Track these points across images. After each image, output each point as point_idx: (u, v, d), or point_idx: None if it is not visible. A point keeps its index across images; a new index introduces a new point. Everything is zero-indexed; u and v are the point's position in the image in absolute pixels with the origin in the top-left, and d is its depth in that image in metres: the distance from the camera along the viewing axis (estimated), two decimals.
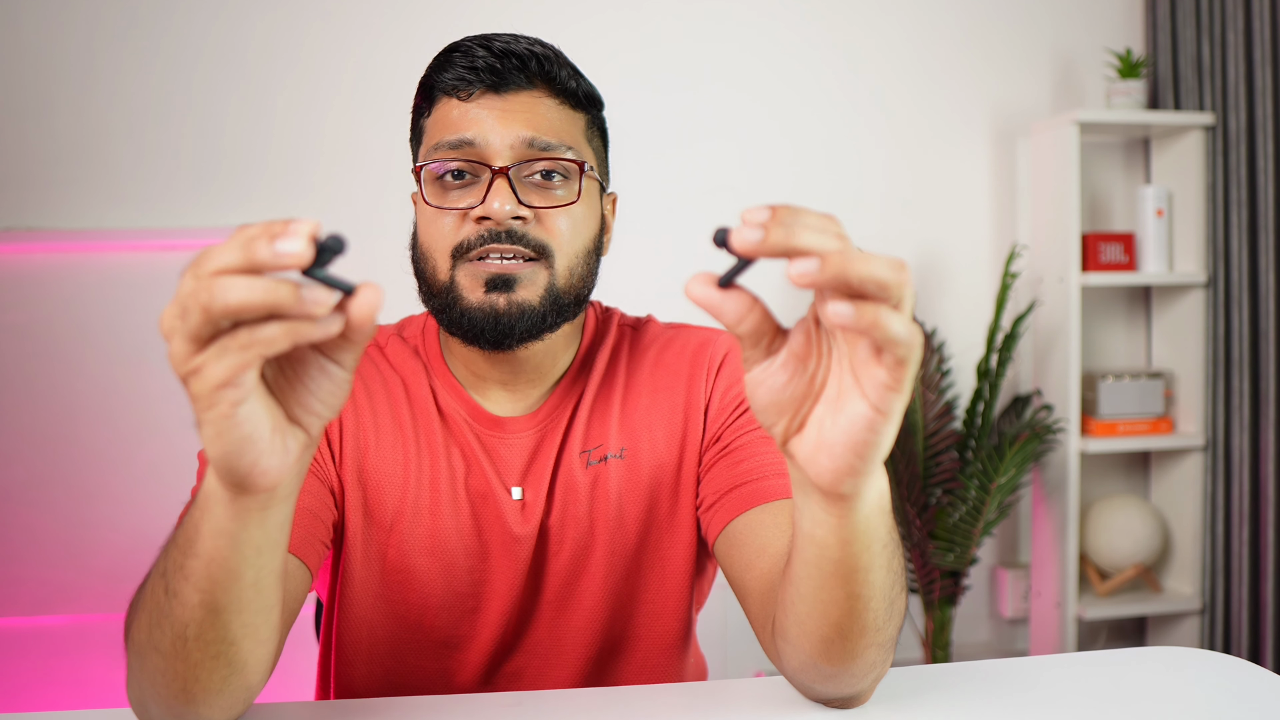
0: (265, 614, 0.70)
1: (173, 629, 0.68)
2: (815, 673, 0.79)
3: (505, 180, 0.95)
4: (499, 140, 0.96)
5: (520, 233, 0.95)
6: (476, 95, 0.98)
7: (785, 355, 0.61)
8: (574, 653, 1.06)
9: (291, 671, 1.11)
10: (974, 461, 2.58)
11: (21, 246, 2.43)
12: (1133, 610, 2.74)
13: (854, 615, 0.72)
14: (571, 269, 0.99)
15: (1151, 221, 2.75)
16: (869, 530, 0.67)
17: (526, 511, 1.03)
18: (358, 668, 1.06)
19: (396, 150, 2.42)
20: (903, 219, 2.83)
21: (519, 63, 0.97)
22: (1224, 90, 2.65)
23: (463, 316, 0.97)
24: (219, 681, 0.71)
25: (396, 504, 1.02)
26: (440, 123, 0.99)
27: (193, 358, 0.55)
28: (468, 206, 0.96)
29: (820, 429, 0.61)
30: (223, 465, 0.59)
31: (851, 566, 0.69)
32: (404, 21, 2.60)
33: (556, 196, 0.98)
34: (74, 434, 2.44)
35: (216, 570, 0.65)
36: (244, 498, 0.62)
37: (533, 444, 1.04)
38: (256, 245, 0.53)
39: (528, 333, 0.97)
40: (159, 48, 2.50)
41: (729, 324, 0.59)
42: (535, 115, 0.98)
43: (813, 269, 0.53)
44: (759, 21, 2.75)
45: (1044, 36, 2.89)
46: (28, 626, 2.41)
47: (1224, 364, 2.69)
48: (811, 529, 0.68)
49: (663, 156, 2.70)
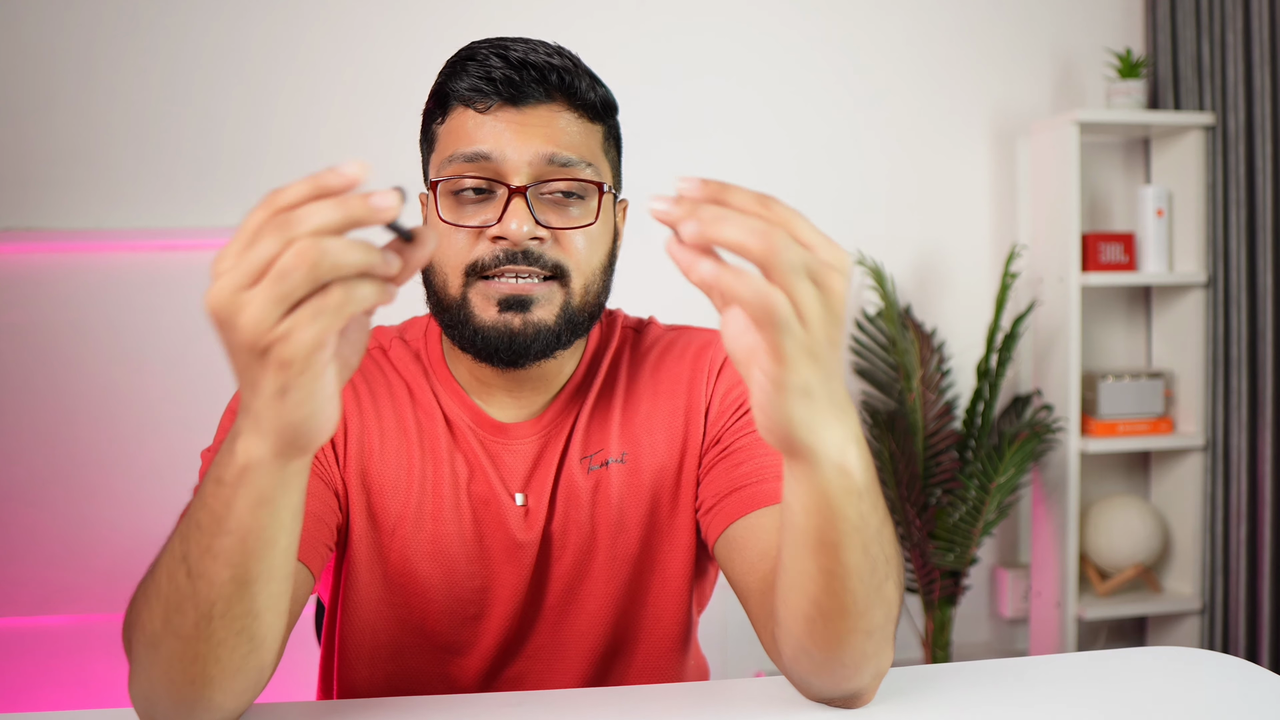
0: (287, 582, 0.72)
1: (196, 610, 0.69)
2: (806, 660, 0.80)
3: (523, 200, 0.93)
4: (516, 156, 0.93)
5: (537, 253, 0.93)
6: (494, 108, 0.95)
7: None
8: (576, 657, 1.06)
9: (292, 672, 1.11)
10: (974, 461, 2.58)
11: (21, 246, 2.43)
12: (1133, 610, 2.74)
13: (830, 593, 0.73)
14: (588, 287, 0.97)
15: (1151, 221, 2.75)
16: (831, 504, 0.69)
17: (530, 518, 1.03)
18: (360, 671, 1.06)
19: (396, 149, 2.42)
20: (903, 218, 2.84)
21: (538, 75, 0.94)
22: (1223, 90, 2.65)
23: (476, 335, 0.95)
24: (239, 659, 0.72)
25: (400, 509, 1.01)
26: (455, 133, 0.96)
27: (281, 323, 0.55)
28: (483, 224, 0.94)
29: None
30: (299, 429, 0.60)
31: (818, 540, 0.71)
32: (404, 21, 2.60)
33: (574, 216, 0.96)
34: (74, 434, 2.44)
35: (253, 542, 0.66)
36: (297, 460, 0.63)
37: (536, 450, 1.04)
38: (353, 203, 0.56)
39: (542, 353, 0.96)
40: (159, 48, 2.50)
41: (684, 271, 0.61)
42: (554, 130, 0.95)
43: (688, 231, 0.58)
44: (762, 20, 2.75)
45: (1044, 36, 2.90)
46: (28, 626, 2.41)
47: (1223, 364, 2.70)
48: (790, 498, 0.72)
49: (666, 154, 2.70)
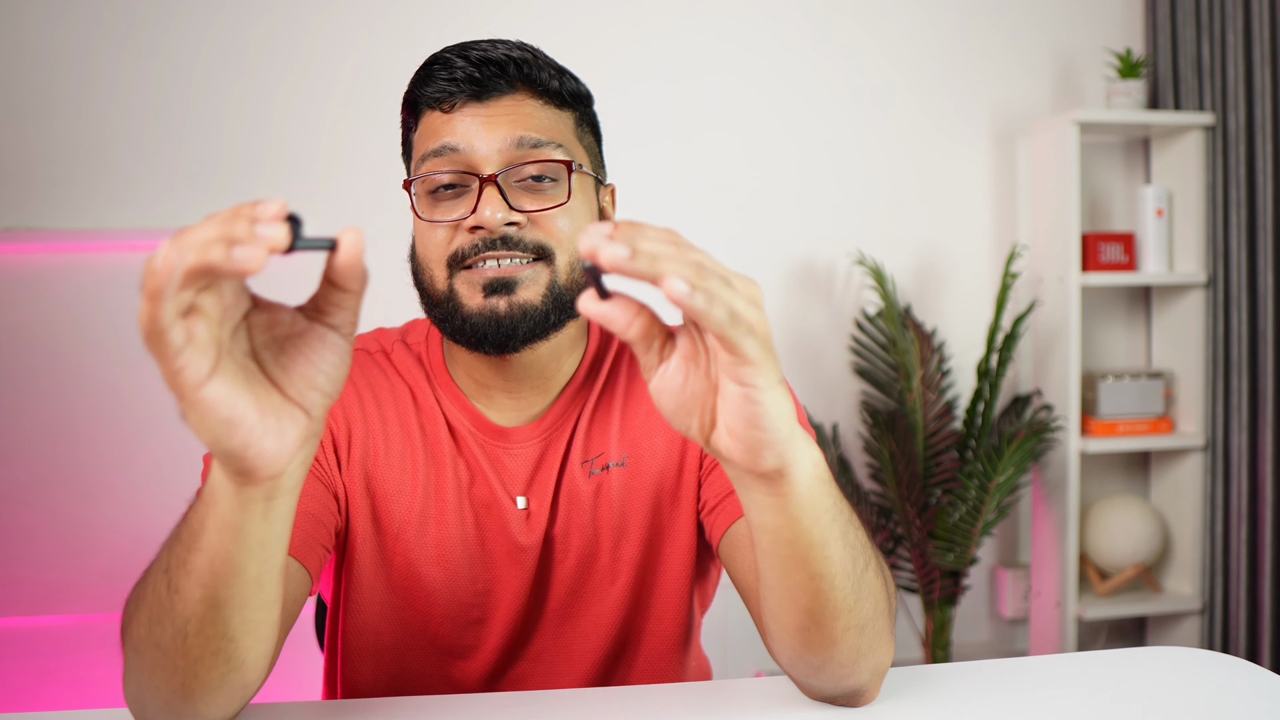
0: (265, 610, 0.71)
1: (174, 624, 0.69)
2: (803, 665, 0.81)
3: (494, 188, 0.95)
4: (485, 146, 0.96)
5: (516, 238, 0.96)
6: (459, 105, 0.98)
7: (676, 359, 0.65)
8: (579, 659, 1.07)
9: (292, 672, 1.11)
10: (974, 461, 2.58)
11: (21, 246, 2.43)
12: (1133, 610, 2.75)
13: (821, 597, 0.74)
14: (573, 265, 0.99)
15: (1151, 221, 2.75)
16: (813, 501, 0.70)
17: (531, 521, 1.03)
18: (363, 673, 1.06)
19: (394, 151, 2.43)
20: (903, 218, 2.84)
21: (497, 69, 0.97)
22: (1223, 90, 2.65)
23: (465, 323, 0.97)
24: (218, 678, 0.71)
25: (404, 512, 1.02)
26: (426, 135, 0.99)
27: (149, 342, 0.55)
28: (460, 217, 0.96)
29: (723, 417, 0.66)
30: (216, 451, 0.60)
31: (806, 544, 0.72)
32: (401, 23, 2.60)
33: (549, 197, 0.98)
34: (74, 434, 2.45)
35: (220, 565, 0.66)
36: (248, 487, 0.63)
37: (537, 454, 1.04)
38: (235, 225, 0.53)
39: (531, 333, 0.97)
40: (159, 48, 2.51)
41: (619, 330, 0.62)
42: (519, 116, 0.98)
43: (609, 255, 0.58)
44: (763, 21, 2.76)
45: (1044, 36, 2.90)
46: (28, 626, 2.41)
47: (1223, 364, 2.70)
48: (760, 517, 0.71)
49: (669, 151, 2.71)
